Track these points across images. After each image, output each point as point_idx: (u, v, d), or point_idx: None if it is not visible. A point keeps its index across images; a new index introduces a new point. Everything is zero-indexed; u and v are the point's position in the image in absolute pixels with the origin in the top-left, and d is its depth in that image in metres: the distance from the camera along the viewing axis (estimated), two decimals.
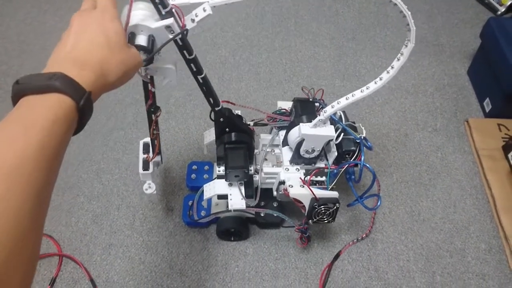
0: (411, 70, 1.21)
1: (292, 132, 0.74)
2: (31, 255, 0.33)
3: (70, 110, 0.38)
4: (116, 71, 0.45)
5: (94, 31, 0.44)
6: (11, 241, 0.30)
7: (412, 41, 0.61)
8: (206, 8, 0.54)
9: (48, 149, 0.35)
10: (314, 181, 0.76)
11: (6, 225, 0.30)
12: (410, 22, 0.58)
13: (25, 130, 0.35)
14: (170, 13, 0.51)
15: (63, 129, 0.37)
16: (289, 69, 1.20)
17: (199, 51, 1.20)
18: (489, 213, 0.92)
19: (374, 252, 0.85)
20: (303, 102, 0.77)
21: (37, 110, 0.37)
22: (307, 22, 1.34)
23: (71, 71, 0.40)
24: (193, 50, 0.57)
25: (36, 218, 0.34)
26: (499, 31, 1.04)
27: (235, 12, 1.35)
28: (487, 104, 1.10)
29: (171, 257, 0.83)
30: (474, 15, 1.39)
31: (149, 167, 0.76)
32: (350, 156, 0.76)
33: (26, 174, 0.33)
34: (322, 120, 0.70)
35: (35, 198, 0.33)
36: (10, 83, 0.39)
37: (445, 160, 1.01)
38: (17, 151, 0.33)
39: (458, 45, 1.29)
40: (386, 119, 1.09)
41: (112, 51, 0.44)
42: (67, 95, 0.38)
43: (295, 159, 0.76)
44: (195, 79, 0.62)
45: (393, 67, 0.65)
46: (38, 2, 1.37)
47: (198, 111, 1.08)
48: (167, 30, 0.52)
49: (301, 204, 0.71)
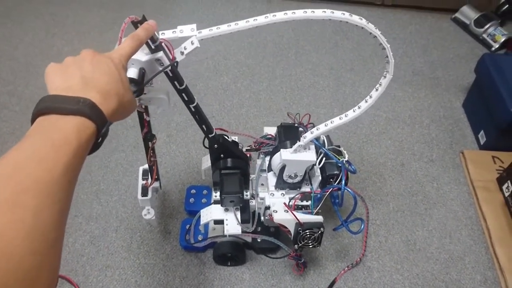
0: (408, 101, 1.24)
1: (274, 158, 0.74)
2: (56, 264, 0.36)
3: (92, 136, 0.41)
4: (127, 108, 0.47)
5: (113, 70, 0.46)
6: (43, 250, 0.33)
7: (391, 73, 0.63)
8: (194, 41, 0.57)
9: (72, 171, 0.37)
10: (300, 206, 0.76)
11: (40, 236, 0.33)
12: (389, 54, 0.60)
13: (54, 149, 0.37)
14: (160, 46, 0.54)
15: (85, 153, 0.40)
16: (289, 97, 1.23)
17: (202, 77, 1.24)
18: (484, 244, 0.93)
19: (370, 281, 0.86)
20: (287, 127, 0.77)
21: (66, 131, 0.38)
22: (307, 52, 1.38)
23: (96, 99, 0.41)
24: (183, 81, 0.60)
25: (60, 232, 0.36)
26: (493, 67, 1.08)
27: (237, 41, 1.39)
28: (481, 137, 1.12)
29: (167, 281, 0.83)
30: (469, 51, 1.44)
31: (148, 193, 0.77)
32: (334, 180, 0.75)
33: (52, 192, 0.35)
34: (302, 145, 0.70)
35: (60, 213, 0.36)
36: (15, 103, 0.41)
37: (441, 191, 1.03)
38: (45, 170, 0.35)
39: (454, 79, 1.32)
40: (383, 149, 1.11)
41: (126, 90, 0.47)
42: (93, 121, 0.40)
43: (279, 184, 0.77)
44: (187, 108, 0.64)
45: (371, 96, 0.66)
46: (47, 26, 1.41)
47: (198, 135, 1.09)
48: (157, 62, 0.55)
49: (286, 229, 0.72)
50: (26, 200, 0.33)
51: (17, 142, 0.37)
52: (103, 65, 0.45)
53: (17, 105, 1.12)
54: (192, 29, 0.57)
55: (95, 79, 0.44)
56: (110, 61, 0.46)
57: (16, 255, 0.31)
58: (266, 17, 0.56)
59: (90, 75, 0.44)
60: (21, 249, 0.31)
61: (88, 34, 1.39)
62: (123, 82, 0.46)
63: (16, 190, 0.33)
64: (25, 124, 1.08)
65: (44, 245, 0.33)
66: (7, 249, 0.30)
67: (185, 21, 0.58)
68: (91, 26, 1.43)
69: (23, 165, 0.35)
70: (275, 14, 0.55)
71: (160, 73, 0.56)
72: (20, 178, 0.34)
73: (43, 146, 0.37)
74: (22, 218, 0.32)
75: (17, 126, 1.08)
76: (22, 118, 1.10)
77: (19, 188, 0.33)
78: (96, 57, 0.46)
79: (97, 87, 0.43)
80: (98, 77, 0.44)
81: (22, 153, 0.36)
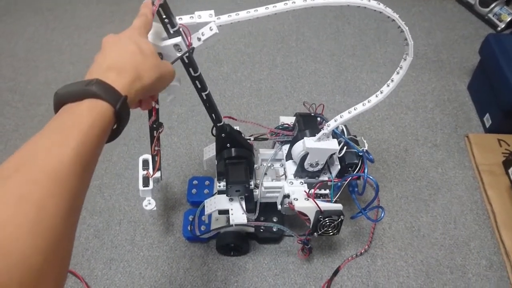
0: (411, 85, 1.22)
1: (296, 146, 0.75)
2: (64, 259, 0.34)
3: (106, 114, 0.39)
4: (151, 75, 0.45)
5: (125, 42, 0.46)
6: (48, 246, 0.31)
7: (411, 55, 0.62)
8: (213, 27, 0.55)
9: (84, 154, 0.36)
10: (318, 194, 0.77)
11: (44, 229, 0.31)
12: (408, 36, 0.60)
13: (62, 135, 0.35)
14: (178, 32, 0.53)
15: (99, 133, 0.38)
16: (290, 85, 1.21)
17: (202, 67, 1.22)
18: (489, 228, 0.92)
19: (374, 268, 0.85)
20: (305, 116, 0.78)
21: (75, 115, 0.38)
22: (308, 39, 1.36)
23: (108, 77, 0.41)
24: (198, 68, 0.59)
25: (69, 224, 0.34)
26: (497, 48, 1.05)
27: (237, 29, 1.38)
28: (487, 120, 1.10)
29: (171, 272, 0.84)
30: (473, 31, 1.40)
31: (149, 183, 0.77)
32: (352, 169, 0.77)
33: (63, 180, 0.33)
34: (326, 134, 0.71)
35: (70, 203, 0.34)
36: (17, 100, 0.41)
37: (445, 176, 1.01)
38: (54, 156, 0.34)
39: (458, 61, 1.30)
40: (387, 135, 1.10)
41: (145, 57, 0.45)
42: (103, 99, 0.39)
43: (299, 172, 0.77)
44: (199, 95, 0.63)
45: (393, 80, 0.66)
46: (46, 21, 1.41)
47: (200, 126, 1.09)
48: (175, 48, 0.54)
49: (306, 217, 0.72)
50: (31, 191, 0.31)
51: (21, 139, 0.36)
52: (117, 44, 0.46)
53: (20, 102, 1.13)
54: (210, 15, 0.55)
55: (108, 59, 0.44)
56: (123, 36, 0.46)
57: (17, 251, 0.29)
58: (286, 4, 0.54)
59: (103, 59, 0.44)
60: (23, 244, 0.29)
61: (88, 28, 1.39)
62: (141, 50, 0.45)
63: (21, 182, 0.31)
64: (28, 120, 1.08)
65: (50, 240, 0.31)
66: (7, 246, 0.28)
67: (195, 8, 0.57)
68: (90, 20, 1.42)
69: (31, 155, 0.34)
70: (294, 0, 0.54)
71: (179, 58, 0.55)
72: (27, 169, 0.32)
73: (53, 133, 0.36)
74: (25, 211, 0.30)
75: (20, 123, 1.09)
76: (25, 115, 1.10)
77: (24, 180, 0.32)
78: (112, 40, 0.46)
79: (108, 65, 0.43)
80: (113, 56, 0.44)
81: (32, 144, 0.35)
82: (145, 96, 0.46)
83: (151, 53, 0.46)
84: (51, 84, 1.17)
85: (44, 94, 1.15)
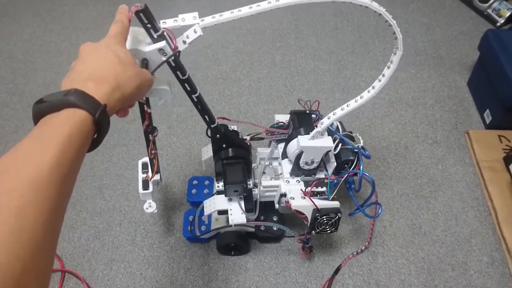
0: (411, 82, 1.22)
1: (291, 145, 0.75)
2: (45, 268, 0.34)
3: (85, 123, 0.39)
4: (131, 84, 0.46)
5: (103, 51, 0.46)
6: (27, 254, 0.31)
7: (400, 49, 0.62)
8: (197, 29, 0.55)
9: (64, 163, 0.36)
10: (315, 192, 0.77)
11: (23, 239, 0.31)
12: (396, 30, 0.60)
13: (41, 145, 0.36)
14: (162, 36, 0.53)
15: (78, 142, 0.38)
16: (289, 83, 1.21)
17: (201, 67, 1.23)
18: (491, 225, 0.91)
19: (375, 266, 0.85)
20: (300, 114, 0.78)
21: (54, 125, 0.38)
22: (306, 37, 1.36)
23: (87, 87, 0.41)
24: (186, 71, 0.59)
25: (50, 232, 0.34)
26: (496, 43, 1.05)
27: (236, 28, 1.37)
28: (487, 116, 1.10)
29: (172, 272, 0.84)
30: (473, 27, 1.40)
31: (149, 186, 0.77)
32: (349, 166, 0.76)
33: (42, 188, 0.33)
34: (320, 131, 0.70)
35: (50, 211, 0.34)
36: (16, 101, 0.41)
37: (446, 172, 1.01)
38: (33, 165, 0.34)
39: (458, 57, 1.29)
40: (386, 132, 1.09)
41: (125, 66, 0.46)
42: (82, 108, 0.39)
43: (295, 171, 0.77)
44: (189, 98, 0.63)
45: (384, 75, 0.66)
46: (44, 22, 1.41)
47: (199, 126, 1.09)
48: (160, 52, 0.54)
49: (303, 215, 0.72)
50: (10, 200, 0.31)
51: (20, 140, 0.36)
52: (95, 52, 0.46)
53: (19, 103, 1.13)
54: (194, 17, 0.55)
55: (87, 68, 0.44)
56: (101, 45, 0.46)
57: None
58: (269, 3, 0.54)
59: (82, 68, 0.44)
60: (1, 253, 0.29)
61: (86, 29, 1.39)
62: (120, 59, 0.45)
63: (0, 191, 0.32)
64: (27, 122, 1.08)
65: (30, 249, 0.31)
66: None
67: (184, 10, 0.56)
68: (88, 20, 1.42)
69: (10, 166, 0.34)
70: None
71: (163, 63, 0.55)
72: (5, 179, 0.33)
73: (32, 143, 0.36)
74: (4, 220, 0.30)
75: (19, 125, 1.09)
76: (24, 116, 1.10)
77: (3, 189, 0.32)
78: (90, 49, 0.46)
79: (87, 75, 0.43)
80: (91, 65, 0.44)
81: (11, 155, 0.36)
82: (124, 105, 0.47)
83: (130, 62, 0.47)
84: (50, 85, 1.17)
85: (43, 96, 1.14)
